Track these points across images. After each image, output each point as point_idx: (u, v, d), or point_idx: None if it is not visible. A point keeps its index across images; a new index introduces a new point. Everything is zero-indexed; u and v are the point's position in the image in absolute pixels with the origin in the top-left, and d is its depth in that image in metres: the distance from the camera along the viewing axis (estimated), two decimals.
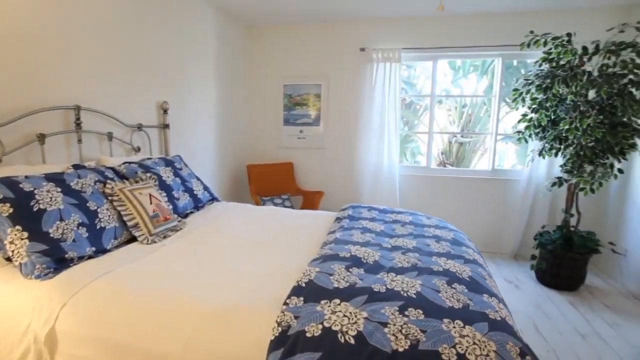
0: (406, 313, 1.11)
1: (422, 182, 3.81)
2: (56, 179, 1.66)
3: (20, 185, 1.51)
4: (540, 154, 2.94)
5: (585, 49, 2.65)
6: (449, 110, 4.90)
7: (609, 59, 2.56)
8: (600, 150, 2.61)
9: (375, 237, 1.81)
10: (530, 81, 2.82)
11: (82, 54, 2.06)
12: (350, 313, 1.11)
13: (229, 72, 3.69)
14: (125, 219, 1.83)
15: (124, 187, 1.91)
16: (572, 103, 2.64)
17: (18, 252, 1.41)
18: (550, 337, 2.28)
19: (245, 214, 2.40)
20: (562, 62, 2.70)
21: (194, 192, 2.44)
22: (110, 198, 1.83)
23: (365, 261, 1.47)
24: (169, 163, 2.41)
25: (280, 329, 1.08)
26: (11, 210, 1.43)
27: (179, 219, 2.17)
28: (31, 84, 1.80)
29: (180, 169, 2.47)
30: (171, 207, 2.15)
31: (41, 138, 1.82)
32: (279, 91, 4.01)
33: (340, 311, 1.12)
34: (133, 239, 1.86)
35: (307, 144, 4.04)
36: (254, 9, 3.38)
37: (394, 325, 1.05)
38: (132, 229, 1.84)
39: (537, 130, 2.89)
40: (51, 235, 1.48)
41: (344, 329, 1.05)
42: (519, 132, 3.04)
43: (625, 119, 2.55)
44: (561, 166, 2.83)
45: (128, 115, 2.39)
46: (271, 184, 3.88)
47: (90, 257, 1.61)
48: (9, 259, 1.46)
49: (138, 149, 2.47)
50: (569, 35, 2.62)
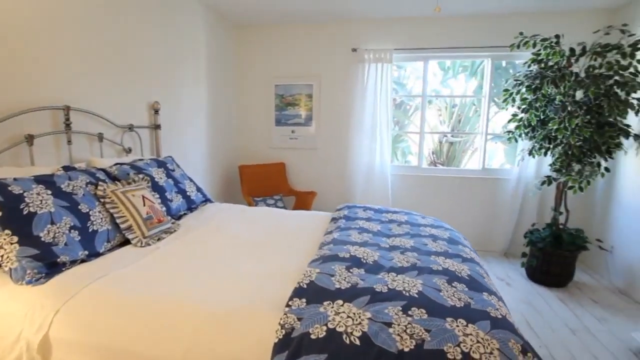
0: (409, 313, 1.11)
1: (414, 181, 3.84)
2: (46, 181, 1.61)
3: (9, 188, 1.46)
4: (530, 153, 2.99)
5: (572, 50, 2.71)
6: (439, 110, 4.96)
7: (595, 60, 2.63)
8: (587, 149, 2.67)
9: (372, 237, 1.81)
10: (520, 82, 2.87)
11: (72, 53, 2.00)
12: (354, 314, 1.10)
13: (220, 72, 3.65)
14: (118, 221, 1.79)
15: (116, 189, 1.86)
16: (560, 103, 2.69)
17: (8, 257, 1.36)
18: (542, 333, 2.33)
19: (239, 215, 2.38)
20: (550, 63, 2.76)
21: (187, 193, 2.41)
22: (102, 200, 1.78)
23: (365, 261, 1.47)
24: (161, 164, 2.36)
25: (283, 331, 1.07)
26: (0, 214, 1.38)
27: (173, 220, 2.14)
28: (19, 84, 1.74)
29: (173, 170, 2.43)
30: (164, 209, 2.11)
31: (29, 139, 1.76)
32: (270, 91, 3.99)
33: (344, 312, 1.11)
34: (126, 241, 1.82)
35: (299, 144, 4.02)
36: (245, 8, 3.35)
37: (399, 325, 1.06)
38: (125, 231, 1.80)
39: (526, 130, 2.94)
40: (42, 239, 1.44)
41: (349, 330, 1.04)
42: (509, 131, 3.09)
43: (611, 119, 2.62)
44: (550, 165, 2.89)
45: (119, 116, 2.34)
46: (263, 184, 3.85)
47: (83, 261, 1.57)
48: None
49: (129, 150, 2.42)
50: (557, 36, 2.68)
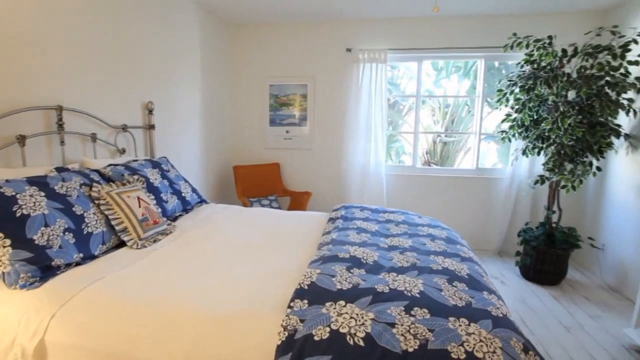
0: (412, 313, 1.11)
1: (408, 181, 3.85)
2: (39, 182, 1.58)
3: (1, 190, 1.42)
4: (524, 152, 3.03)
5: (564, 51, 2.74)
6: (433, 110, 4.99)
7: (586, 61, 2.67)
8: (580, 149, 2.71)
9: (371, 237, 1.81)
10: (513, 82, 2.90)
11: (64, 52, 1.96)
12: (357, 315, 1.10)
13: (214, 71, 3.62)
14: (113, 223, 1.76)
15: (111, 190, 1.83)
16: (553, 103, 2.73)
17: (0, 260, 1.33)
18: (537, 331, 2.35)
19: (235, 216, 2.36)
20: (543, 64, 2.79)
21: (182, 194, 2.38)
22: (97, 202, 1.75)
23: (365, 261, 1.47)
24: (155, 165, 2.33)
25: (286, 333, 1.06)
26: None
27: (169, 222, 2.11)
28: (10, 83, 1.70)
29: (168, 171, 2.40)
30: (160, 210, 2.09)
31: (21, 140, 1.72)
32: (264, 91, 3.97)
33: (347, 313, 1.11)
34: (122, 244, 1.79)
35: (294, 144, 4.01)
36: (239, 7, 3.33)
37: (402, 325, 1.06)
38: (120, 233, 1.77)
39: (520, 130, 2.97)
40: (36, 242, 1.41)
41: (352, 331, 1.04)
42: (503, 131, 3.12)
43: (602, 119, 2.66)
44: (543, 165, 2.92)
45: (112, 116, 2.30)
46: (258, 185, 3.83)
47: (78, 264, 1.54)
48: None
49: (123, 151, 2.38)
50: (550, 37, 2.72)
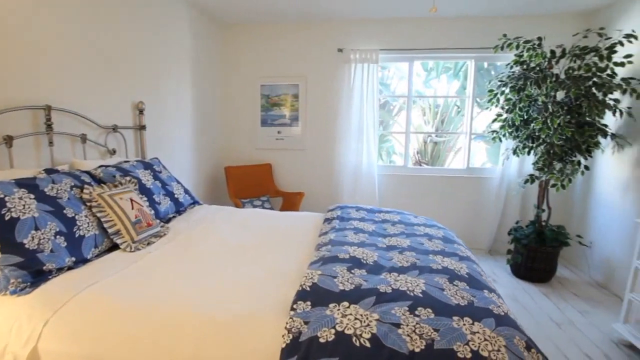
0: (416, 313, 1.11)
1: (400, 181, 3.87)
2: (28, 184, 1.52)
3: None
4: (515, 152, 3.08)
5: (553, 52, 2.80)
6: (423, 110, 5.04)
7: (574, 62, 2.73)
8: (568, 148, 2.77)
9: (368, 237, 1.81)
10: (504, 82, 2.95)
11: (53, 50, 1.90)
12: (361, 315, 1.09)
13: (205, 71, 3.57)
14: (105, 225, 1.71)
15: (103, 192, 1.79)
16: (543, 104, 2.78)
17: None
18: (529, 327, 2.39)
19: (230, 217, 2.33)
20: (532, 65, 2.84)
21: (175, 195, 2.34)
22: (88, 204, 1.70)
23: (365, 262, 1.47)
24: (147, 166, 2.29)
25: (291, 335, 1.05)
26: None
27: (162, 224, 2.07)
28: None
29: (160, 172, 2.35)
30: (153, 212, 2.04)
31: (8, 140, 1.66)
32: (256, 91, 3.93)
33: (351, 314, 1.10)
34: (114, 247, 1.75)
35: (286, 145, 3.99)
36: (230, 7, 3.29)
37: (407, 325, 1.05)
38: (113, 236, 1.72)
39: (510, 130, 3.02)
40: (26, 246, 1.36)
41: (358, 332, 1.03)
42: (494, 131, 3.17)
43: (590, 119, 2.72)
44: (533, 164, 2.97)
45: (102, 116, 2.24)
46: (250, 185, 3.79)
47: (70, 268, 1.50)
48: None
49: (113, 152, 2.32)
50: (539, 39, 2.77)
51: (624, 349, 2.19)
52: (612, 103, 2.65)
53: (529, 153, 2.99)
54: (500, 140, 3.19)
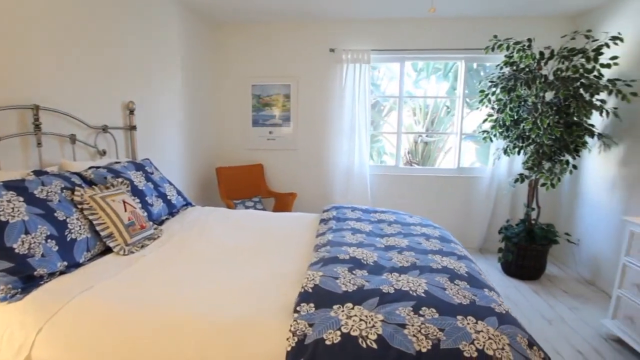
0: (421, 312, 1.11)
1: (392, 181, 3.89)
2: (17, 187, 1.47)
3: None
4: (505, 152, 3.13)
5: (542, 54, 2.85)
6: (413, 110, 5.08)
7: (562, 63, 2.79)
8: (557, 147, 2.83)
9: (366, 237, 1.81)
10: (494, 83, 2.99)
11: (41, 48, 1.84)
12: (366, 316, 1.09)
13: (196, 71, 3.52)
14: (98, 228, 1.66)
15: (95, 194, 1.74)
16: (532, 104, 2.83)
17: None
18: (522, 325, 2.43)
19: (224, 219, 2.30)
20: (522, 66, 2.89)
21: (168, 197, 2.29)
22: (80, 206, 1.65)
23: (365, 262, 1.46)
24: (139, 167, 2.23)
25: (296, 338, 1.03)
26: None
27: (155, 226, 2.02)
28: None
29: (152, 173, 2.30)
30: (145, 214, 2.00)
31: None
32: (247, 91, 3.90)
33: (356, 315, 1.09)
34: (107, 250, 1.70)
35: (277, 145, 3.96)
36: (221, 6, 3.25)
37: (412, 326, 1.05)
38: (106, 239, 1.68)
39: (501, 130, 3.07)
40: (16, 251, 1.31)
41: (364, 333, 1.03)
42: (484, 131, 3.21)
43: (578, 119, 2.79)
44: (523, 163, 3.03)
45: (92, 116, 2.18)
46: (241, 186, 3.75)
47: (62, 272, 1.45)
48: None
49: (103, 153, 2.26)
50: (529, 40, 2.82)
51: (612, 344, 2.25)
52: (598, 103, 2.71)
53: (519, 153, 3.04)
54: (491, 140, 3.24)
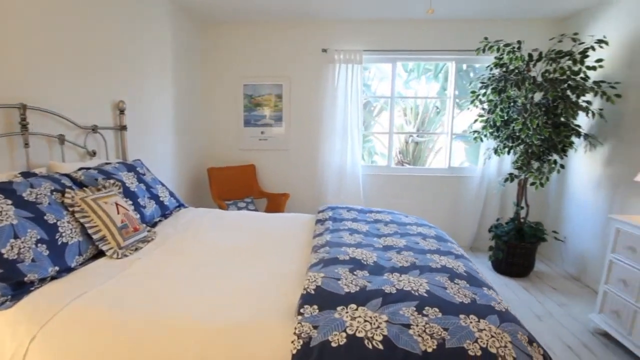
0: (424, 312, 1.12)
1: (384, 181, 3.91)
2: (4, 189, 1.42)
3: None
4: (496, 152, 3.18)
5: (530, 56, 2.91)
6: (404, 110, 5.12)
7: (550, 65, 2.85)
8: (546, 147, 2.89)
9: (364, 237, 1.81)
10: (485, 84, 3.04)
11: (29, 46, 1.78)
12: (370, 317, 1.09)
13: (187, 71, 3.46)
14: (90, 232, 1.62)
15: (86, 196, 1.69)
16: (522, 105, 2.89)
17: None
18: None
19: (218, 220, 2.27)
20: (511, 67, 2.94)
21: (160, 198, 2.25)
22: (71, 209, 1.61)
23: (365, 263, 1.46)
24: (130, 168, 2.18)
25: (301, 341, 1.02)
26: None
27: (148, 228, 1.98)
28: None
29: (144, 174, 2.26)
30: (138, 216, 1.95)
31: None
32: (239, 91, 3.86)
33: (360, 316, 1.09)
34: (100, 254, 1.66)
35: (269, 145, 3.94)
36: (212, 5, 3.20)
37: (417, 326, 1.06)
38: (98, 242, 1.63)
39: (491, 130, 3.12)
40: (5, 256, 1.26)
41: (369, 334, 1.02)
42: (475, 131, 3.26)
43: (565, 120, 2.85)
44: (513, 163, 3.08)
45: (81, 116, 2.12)
46: (233, 187, 3.72)
47: (54, 278, 1.40)
48: None
49: (93, 153, 2.20)
50: (519, 42, 2.87)
51: (600, 338, 2.31)
52: (584, 105, 2.78)
53: (509, 152, 3.10)
54: (482, 140, 3.29)
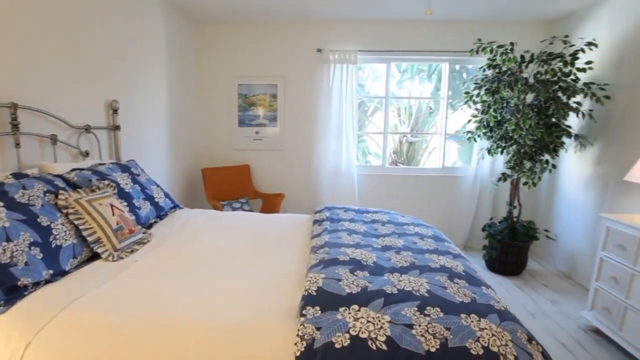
0: (426, 312, 1.12)
1: (379, 181, 3.93)
2: None
3: None
4: (489, 152, 3.22)
5: (522, 57, 2.95)
6: (398, 110, 5.15)
7: (542, 67, 2.89)
8: (538, 148, 2.93)
9: (362, 237, 1.81)
10: (479, 85, 3.07)
11: (20, 43, 1.73)
12: (373, 318, 1.09)
13: (181, 70, 3.43)
14: (84, 234, 1.59)
15: (80, 197, 1.66)
16: (515, 106, 2.93)
17: None
18: None
19: (214, 221, 2.25)
20: (504, 69, 2.98)
21: (155, 199, 2.22)
22: (64, 211, 1.57)
23: (365, 263, 1.47)
24: (125, 169, 2.15)
25: (304, 342, 1.02)
26: None
27: (144, 230, 1.95)
28: None
29: (138, 175, 2.23)
30: (133, 217, 1.93)
31: None
32: (233, 91, 3.83)
33: (363, 317, 1.09)
34: (94, 256, 1.63)
35: (264, 145, 3.92)
36: (206, 4, 3.17)
37: (419, 326, 1.06)
38: (93, 245, 1.61)
39: (485, 130, 3.15)
40: None
41: (372, 335, 1.03)
42: (469, 132, 3.29)
43: (556, 120, 2.90)
44: (506, 163, 3.12)
45: (74, 115, 2.07)
46: (228, 187, 3.69)
47: (48, 281, 1.37)
48: None
49: (86, 154, 2.16)
50: (512, 44, 2.91)
51: (591, 334, 2.35)
52: (575, 106, 2.83)
53: (502, 152, 3.14)
54: (475, 141, 3.33)
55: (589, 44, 2.74)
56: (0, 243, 1.27)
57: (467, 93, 3.18)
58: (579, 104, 2.85)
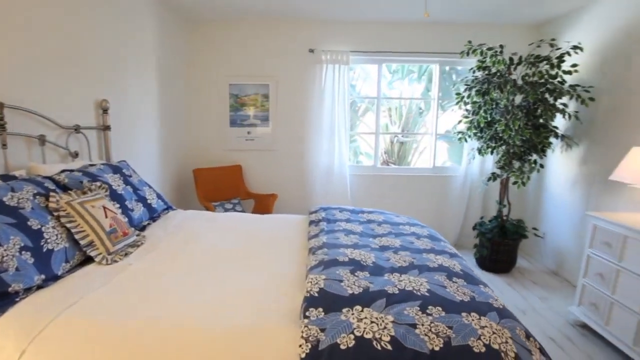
0: (428, 311, 1.13)
1: (370, 181, 3.95)
2: None
3: None
4: (480, 152, 3.27)
5: (511, 59, 3.01)
6: (389, 111, 5.19)
7: (530, 69, 2.96)
8: (526, 148, 3.00)
9: (359, 238, 1.82)
10: (470, 86, 3.12)
11: (5, 42, 1.68)
12: (376, 318, 1.09)
13: (172, 70, 3.37)
14: (76, 237, 1.55)
15: (71, 199, 1.61)
16: (504, 107, 2.98)
17: None
18: None
19: (209, 222, 2.22)
20: (493, 70, 3.04)
21: (148, 201, 2.18)
22: (56, 214, 1.53)
23: (365, 264, 1.47)
24: (116, 170, 2.11)
25: (309, 344, 1.02)
26: None
27: (137, 232, 1.91)
28: None
29: (130, 176, 2.18)
30: (126, 219, 1.89)
31: None
32: (224, 91, 3.79)
33: (366, 317, 1.09)
34: (87, 260, 1.59)
35: (256, 145, 3.89)
36: (198, 3, 3.13)
37: (423, 325, 1.07)
38: (86, 248, 1.57)
39: (475, 131, 3.20)
40: None
41: (377, 335, 1.03)
42: (460, 132, 3.34)
43: (544, 121, 2.97)
44: (496, 163, 3.18)
45: (63, 115, 2.02)
46: (219, 188, 3.65)
47: (40, 287, 1.33)
48: None
49: (76, 154, 2.11)
50: (501, 46, 2.96)
51: (579, 329, 2.42)
52: (561, 107, 2.91)
53: (492, 153, 3.19)
54: (466, 141, 3.38)
55: (575, 47, 2.81)
56: None
57: (458, 94, 3.22)
58: (565, 105, 2.93)
